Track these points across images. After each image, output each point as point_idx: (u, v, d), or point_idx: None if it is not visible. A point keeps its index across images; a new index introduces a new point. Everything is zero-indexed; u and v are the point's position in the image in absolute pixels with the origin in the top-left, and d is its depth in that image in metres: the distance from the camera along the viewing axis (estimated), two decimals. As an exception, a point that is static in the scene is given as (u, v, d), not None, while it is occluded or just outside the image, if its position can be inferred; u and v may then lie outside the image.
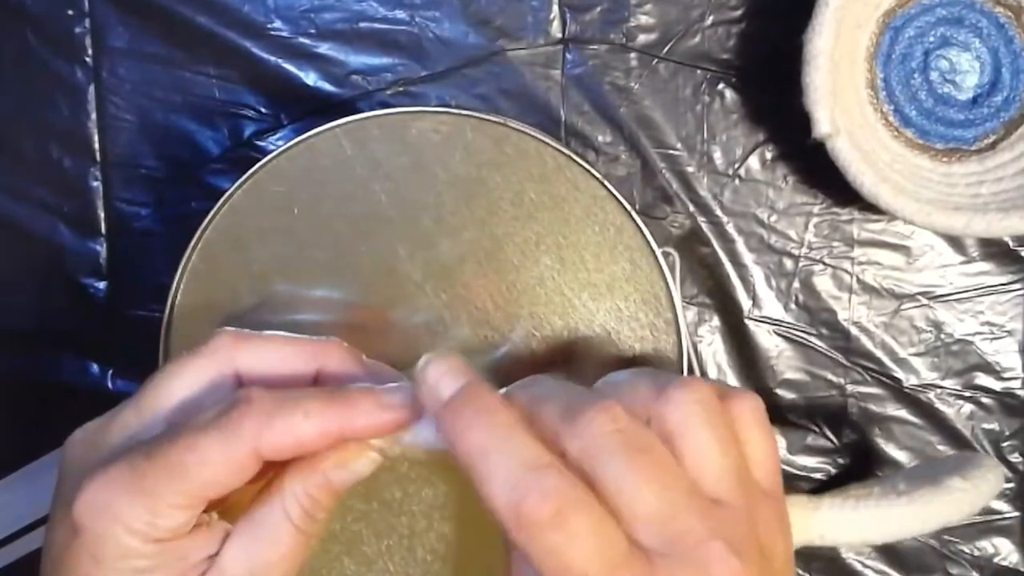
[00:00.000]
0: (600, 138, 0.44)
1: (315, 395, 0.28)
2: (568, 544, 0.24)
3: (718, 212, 0.44)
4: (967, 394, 0.45)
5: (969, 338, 0.45)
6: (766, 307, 0.45)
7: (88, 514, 0.27)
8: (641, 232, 0.36)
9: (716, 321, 0.45)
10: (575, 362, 0.36)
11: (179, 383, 0.29)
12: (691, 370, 0.38)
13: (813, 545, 0.32)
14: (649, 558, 0.25)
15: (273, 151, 0.36)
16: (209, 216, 0.36)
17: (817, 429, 0.45)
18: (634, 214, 0.36)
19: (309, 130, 0.36)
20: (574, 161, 0.36)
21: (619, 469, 0.25)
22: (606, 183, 0.36)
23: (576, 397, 0.27)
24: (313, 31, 0.43)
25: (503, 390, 0.28)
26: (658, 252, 0.36)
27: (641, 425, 0.26)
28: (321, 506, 0.29)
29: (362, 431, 0.28)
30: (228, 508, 0.30)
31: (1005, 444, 0.45)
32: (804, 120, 0.38)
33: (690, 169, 0.44)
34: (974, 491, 0.34)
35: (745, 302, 0.44)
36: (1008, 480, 0.45)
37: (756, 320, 0.44)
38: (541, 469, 0.25)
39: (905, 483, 0.38)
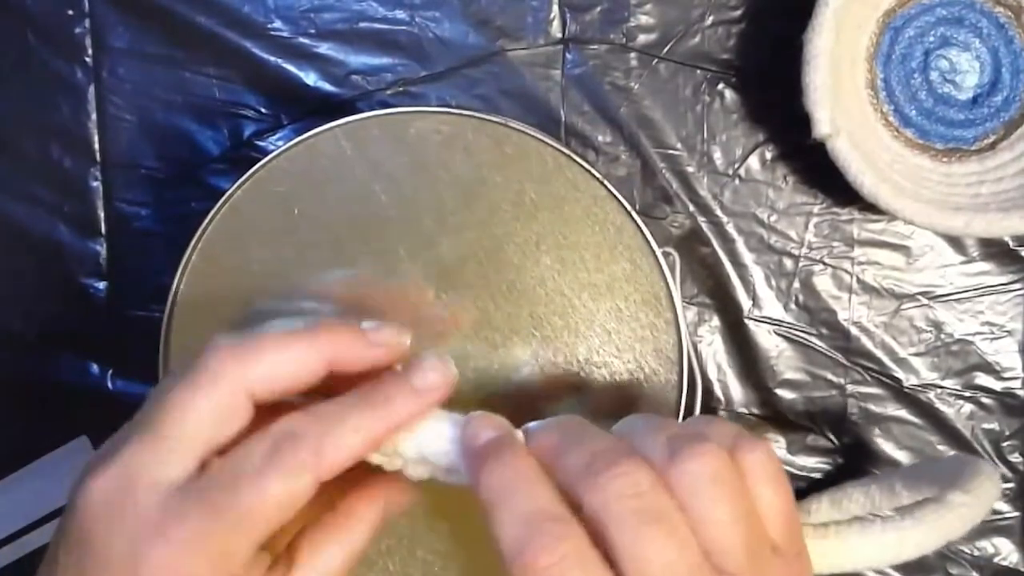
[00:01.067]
0: (600, 138, 0.44)
1: (356, 405, 0.28)
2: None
3: (718, 212, 0.44)
4: (967, 394, 0.45)
5: (969, 338, 0.45)
6: (766, 307, 0.45)
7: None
8: (641, 232, 0.36)
9: (716, 321, 0.45)
10: (583, 389, 0.36)
11: (193, 418, 0.28)
12: (691, 370, 0.38)
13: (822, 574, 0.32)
14: None
15: (273, 151, 0.36)
16: (209, 216, 0.36)
17: (817, 429, 0.45)
18: (634, 214, 0.36)
19: (309, 130, 0.36)
20: (574, 161, 0.36)
21: (631, 535, 0.25)
22: (606, 183, 0.36)
23: (601, 449, 0.27)
24: (313, 31, 0.43)
25: (531, 425, 0.29)
26: (658, 252, 0.36)
27: (660, 490, 0.26)
28: (377, 532, 0.31)
29: (407, 421, 0.29)
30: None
31: (1005, 444, 0.45)
32: (804, 120, 0.38)
33: (690, 169, 0.44)
34: (976, 504, 0.34)
35: (745, 302, 0.44)
36: (1008, 480, 0.45)
37: (756, 320, 0.45)
38: (552, 520, 0.26)
39: (903, 484, 0.38)
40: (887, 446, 0.45)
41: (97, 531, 0.28)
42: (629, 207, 0.36)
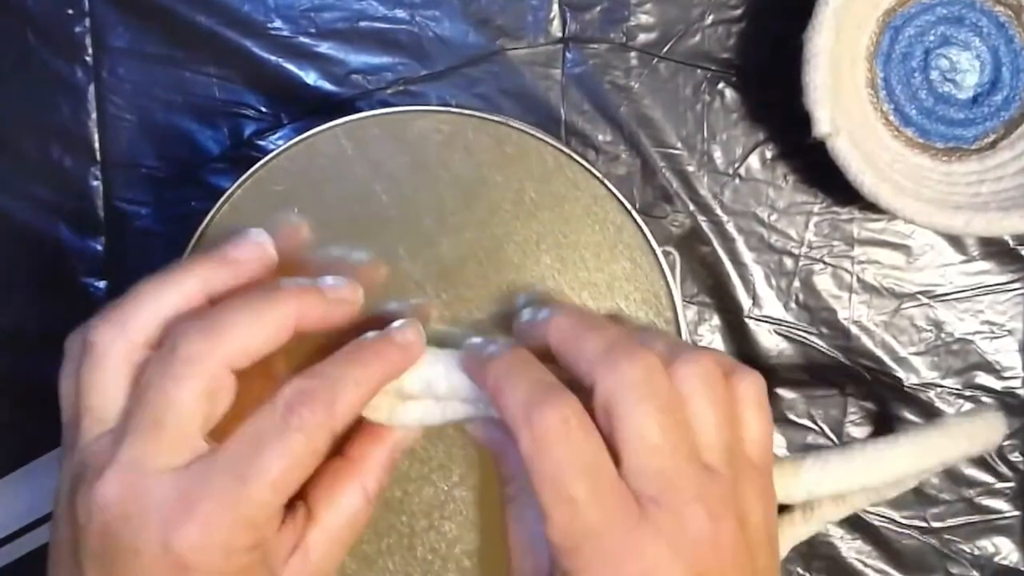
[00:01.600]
0: (600, 137, 0.44)
1: (352, 362, 0.31)
2: (568, 459, 0.27)
3: (718, 211, 0.44)
4: (967, 393, 0.45)
5: (969, 337, 0.45)
6: (766, 306, 0.45)
7: (199, 554, 0.27)
8: (641, 231, 0.36)
9: (716, 320, 0.45)
10: None
11: (187, 402, 0.29)
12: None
13: (811, 499, 0.34)
14: (636, 498, 0.28)
15: (273, 151, 0.36)
16: (209, 216, 0.36)
17: (817, 428, 0.45)
18: (634, 213, 0.36)
19: (309, 129, 0.36)
20: (574, 160, 0.36)
21: (641, 417, 0.28)
22: (606, 182, 0.36)
23: (618, 338, 0.30)
24: (313, 30, 0.43)
25: (550, 308, 0.32)
26: (658, 251, 0.36)
27: (669, 383, 0.29)
28: (389, 476, 0.33)
29: (396, 372, 0.32)
30: None
31: (1005, 444, 0.45)
32: (804, 119, 0.38)
33: (690, 168, 0.44)
34: (969, 426, 0.34)
35: (745, 301, 0.44)
36: (1008, 480, 0.45)
37: (756, 319, 0.45)
38: (557, 388, 0.29)
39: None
40: (887, 445, 0.45)
41: (122, 533, 0.28)
42: (629, 206, 0.36)
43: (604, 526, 0.27)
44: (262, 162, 0.36)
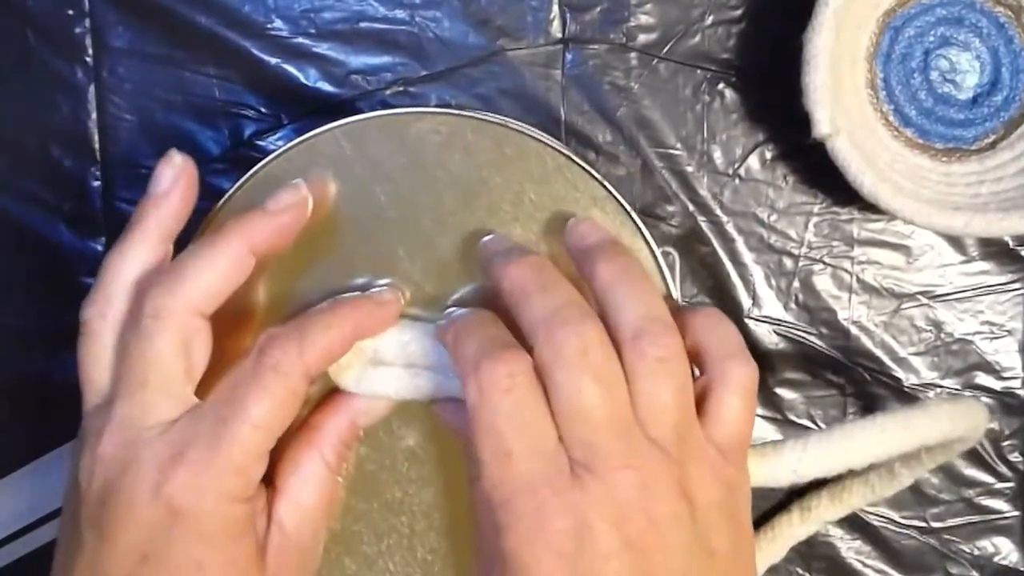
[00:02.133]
0: (600, 138, 0.44)
1: (325, 310, 0.32)
2: (509, 412, 0.28)
3: (718, 212, 0.44)
4: (967, 393, 0.45)
5: (969, 337, 0.45)
6: (766, 306, 0.45)
7: (187, 495, 0.29)
8: (640, 232, 0.36)
9: (716, 321, 0.45)
10: None
11: (167, 357, 0.30)
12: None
13: (795, 483, 0.33)
14: (570, 464, 0.28)
15: (273, 151, 0.36)
16: (208, 217, 0.36)
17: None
18: (633, 214, 0.36)
19: (309, 130, 0.36)
20: (574, 162, 0.36)
21: (572, 386, 0.28)
22: (606, 183, 0.36)
23: (563, 304, 0.30)
24: (313, 31, 0.43)
25: (502, 257, 0.32)
26: (657, 252, 0.36)
27: (610, 357, 0.29)
28: (349, 448, 0.34)
29: (372, 326, 0.33)
30: None
31: (1005, 444, 0.45)
32: (804, 120, 0.38)
33: (690, 169, 0.44)
34: (951, 408, 0.34)
35: (745, 301, 0.44)
36: (1008, 480, 0.45)
37: (756, 319, 0.45)
38: (509, 346, 0.29)
39: (901, 463, 0.38)
40: (887, 446, 0.45)
41: (118, 488, 0.30)
42: (628, 207, 0.36)
43: (536, 482, 0.28)
44: (261, 164, 0.36)
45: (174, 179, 0.33)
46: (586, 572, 0.27)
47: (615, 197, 0.36)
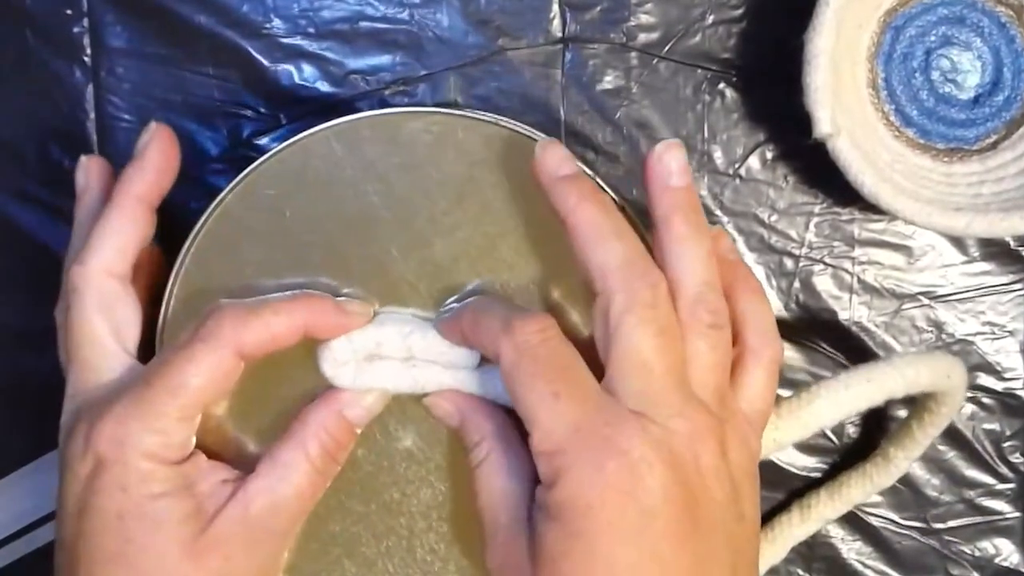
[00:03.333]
0: (600, 138, 0.44)
1: (281, 297, 0.33)
2: (550, 356, 0.30)
3: (718, 212, 0.44)
4: (968, 394, 0.44)
5: (970, 338, 0.45)
6: (766, 307, 0.44)
7: (109, 447, 0.30)
8: (635, 227, 0.36)
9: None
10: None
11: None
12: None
13: (776, 451, 0.36)
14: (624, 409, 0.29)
15: (273, 151, 0.36)
16: (201, 221, 0.36)
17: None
18: (627, 209, 0.36)
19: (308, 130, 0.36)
20: None
21: (638, 334, 0.30)
22: (598, 179, 0.35)
23: (638, 256, 0.31)
24: (312, 31, 0.43)
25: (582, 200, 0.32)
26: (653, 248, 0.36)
27: (673, 317, 0.30)
28: (341, 445, 0.34)
29: (325, 327, 0.33)
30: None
31: (1006, 444, 0.45)
32: (805, 120, 0.38)
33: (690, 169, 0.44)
34: (915, 359, 0.36)
35: (745, 302, 0.44)
36: (1009, 481, 0.45)
37: (756, 320, 0.44)
38: (533, 311, 0.32)
39: (896, 447, 0.39)
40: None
41: (66, 445, 0.32)
42: (621, 202, 0.35)
43: (586, 420, 0.28)
44: (253, 166, 0.36)
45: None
46: (645, 511, 0.28)
47: (609, 194, 0.36)
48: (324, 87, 0.44)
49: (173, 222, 0.44)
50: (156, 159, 0.35)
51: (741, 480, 0.30)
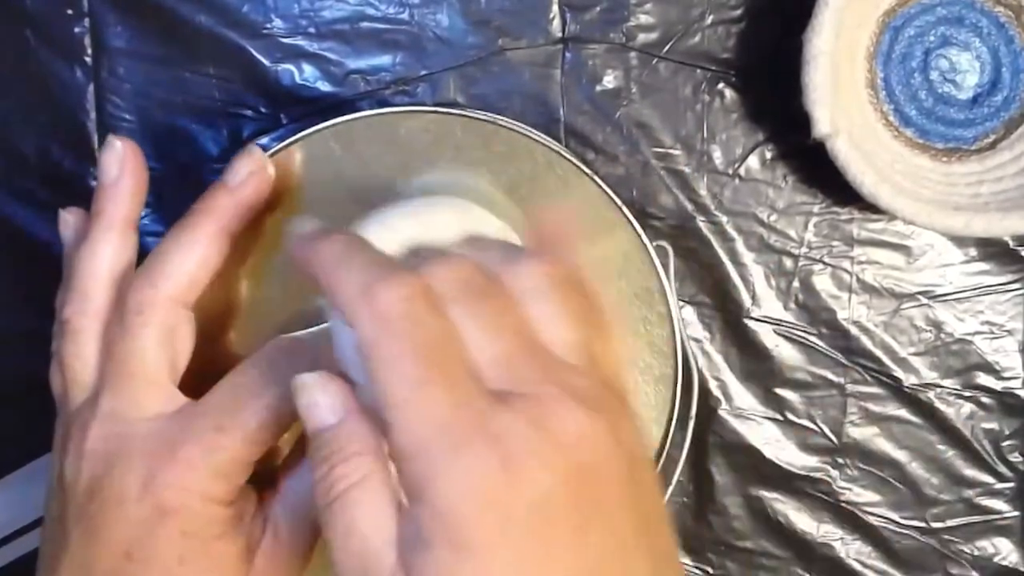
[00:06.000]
0: (600, 138, 0.44)
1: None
2: (412, 334, 0.23)
3: (718, 212, 0.44)
4: (967, 394, 0.45)
5: (969, 338, 0.45)
6: (766, 306, 0.45)
7: (175, 494, 0.29)
8: (632, 226, 0.36)
9: (716, 320, 0.45)
10: None
11: (152, 349, 0.30)
12: (687, 367, 0.38)
13: None
14: (489, 395, 0.23)
15: (271, 151, 0.36)
16: None
17: (817, 429, 0.45)
18: (624, 208, 0.36)
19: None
20: (564, 158, 0.36)
21: (472, 318, 0.24)
22: (596, 178, 0.36)
23: (425, 259, 0.26)
24: (312, 31, 0.43)
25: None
26: (650, 246, 0.36)
27: (497, 287, 0.25)
28: None
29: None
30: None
31: (1005, 444, 0.45)
32: (804, 120, 0.38)
33: (689, 169, 0.44)
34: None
35: (745, 301, 0.44)
36: (1008, 480, 0.45)
37: (756, 319, 0.44)
38: (400, 267, 0.25)
39: None
40: (887, 446, 0.45)
41: (106, 482, 0.30)
42: (619, 201, 0.36)
43: (455, 413, 0.23)
44: None
45: (120, 165, 0.33)
46: (534, 505, 0.22)
47: (606, 192, 0.36)
48: (325, 87, 0.44)
49: (173, 221, 0.44)
50: (250, 190, 0.33)
51: (636, 455, 0.25)
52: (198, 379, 0.32)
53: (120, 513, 0.29)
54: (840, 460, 0.45)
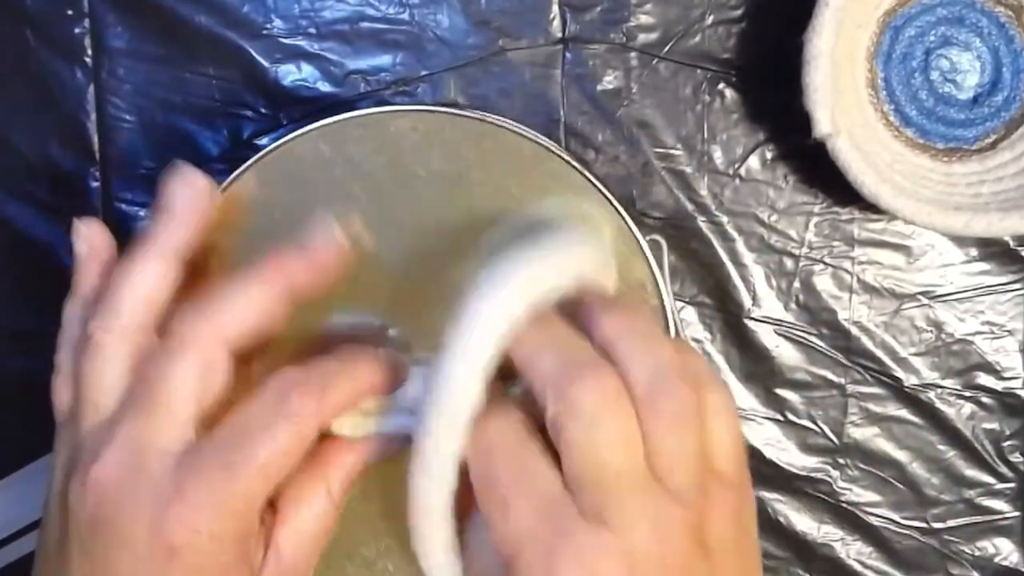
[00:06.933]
0: (600, 138, 0.44)
1: (345, 359, 0.31)
2: (505, 461, 0.27)
3: (718, 212, 0.44)
4: (967, 394, 0.45)
5: (969, 338, 0.45)
6: (766, 306, 0.45)
7: (185, 535, 0.28)
8: (623, 220, 0.36)
9: (716, 320, 0.45)
10: None
11: (180, 382, 0.29)
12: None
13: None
14: (580, 511, 0.26)
15: (261, 153, 0.36)
16: None
17: (817, 429, 0.45)
18: (615, 202, 0.36)
19: None
20: (553, 153, 0.36)
21: (589, 440, 0.26)
22: (586, 173, 0.36)
23: (576, 356, 0.28)
24: (312, 31, 0.43)
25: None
26: (642, 240, 0.36)
27: (627, 413, 0.27)
28: (353, 479, 0.33)
29: (382, 388, 0.32)
30: None
31: (1005, 444, 0.45)
32: (804, 120, 0.38)
33: (690, 169, 0.44)
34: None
35: (745, 301, 0.44)
36: (1008, 480, 0.45)
37: (756, 320, 0.44)
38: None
39: None
40: (887, 446, 0.45)
41: (115, 516, 0.29)
42: (610, 196, 0.35)
43: (540, 527, 0.26)
44: (241, 169, 0.36)
45: (194, 201, 0.32)
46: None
47: (597, 187, 0.36)
48: (325, 87, 0.44)
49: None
50: (324, 261, 0.32)
51: (724, 557, 0.28)
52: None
53: (127, 550, 0.29)
54: (841, 460, 0.45)
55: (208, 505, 0.28)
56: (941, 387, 0.45)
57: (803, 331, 0.45)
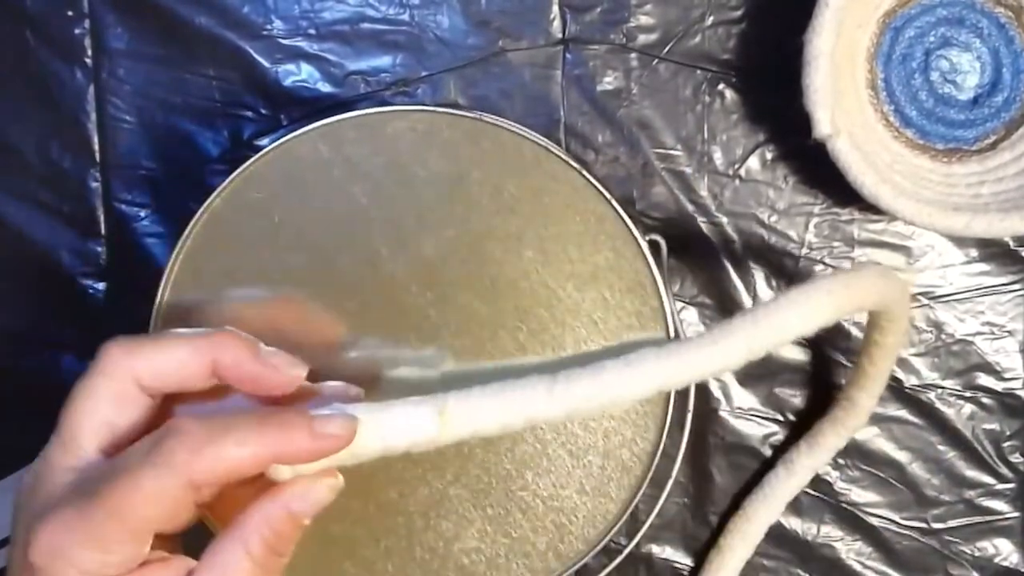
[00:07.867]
0: (600, 138, 0.44)
1: (247, 421, 0.28)
2: None
3: (718, 212, 0.44)
4: (968, 394, 0.45)
5: (970, 338, 0.45)
6: (766, 307, 0.44)
7: (43, 557, 0.27)
8: (622, 220, 0.36)
9: (716, 321, 0.44)
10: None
11: (89, 406, 0.29)
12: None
13: (749, 359, 0.31)
14: None
15: (261, 152, 0.36)
16: (190, 226, 0.36)
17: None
18: (614, 202, 0.36)
19: None
20: (552, 153, 0.36)
21: None
22: (584, 173, 0.36)
23: None
24: (312, 32, 0.43)
25: None
26: (641, 240, 0.36)
27: None
28: (286, 539, 0.29)
29: (295, 457, 0.28)
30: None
31: (1006, 444, 0.45)
32: (804, 121, 0.38)
33: (690, 169, 0.44)
34: (866, 274, 0.32)
35: (745, 301, 0.44)
36: (1008, 481, 0.45)
37: (756, 320, 0.44)
38: None
39: (856, 389, 0.39)
40: (888, 446, 0.45)
41: (18, 518, 0.29)
42: (608, 195, 0.36)
43: None
44: (240, 170, 0.36)
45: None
46: None
47: (594, 186, 0.36)
48: (325, 88, 0.44)
49: (173, 222, 0.44)
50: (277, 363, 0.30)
51: None
52: None
53: (15, 562, 0.28)
54: (841, 461, 0.45)
55: (66, 530, 0.27)
56: (941, 387, 0.45)
57: (803, 332, 0.44)
